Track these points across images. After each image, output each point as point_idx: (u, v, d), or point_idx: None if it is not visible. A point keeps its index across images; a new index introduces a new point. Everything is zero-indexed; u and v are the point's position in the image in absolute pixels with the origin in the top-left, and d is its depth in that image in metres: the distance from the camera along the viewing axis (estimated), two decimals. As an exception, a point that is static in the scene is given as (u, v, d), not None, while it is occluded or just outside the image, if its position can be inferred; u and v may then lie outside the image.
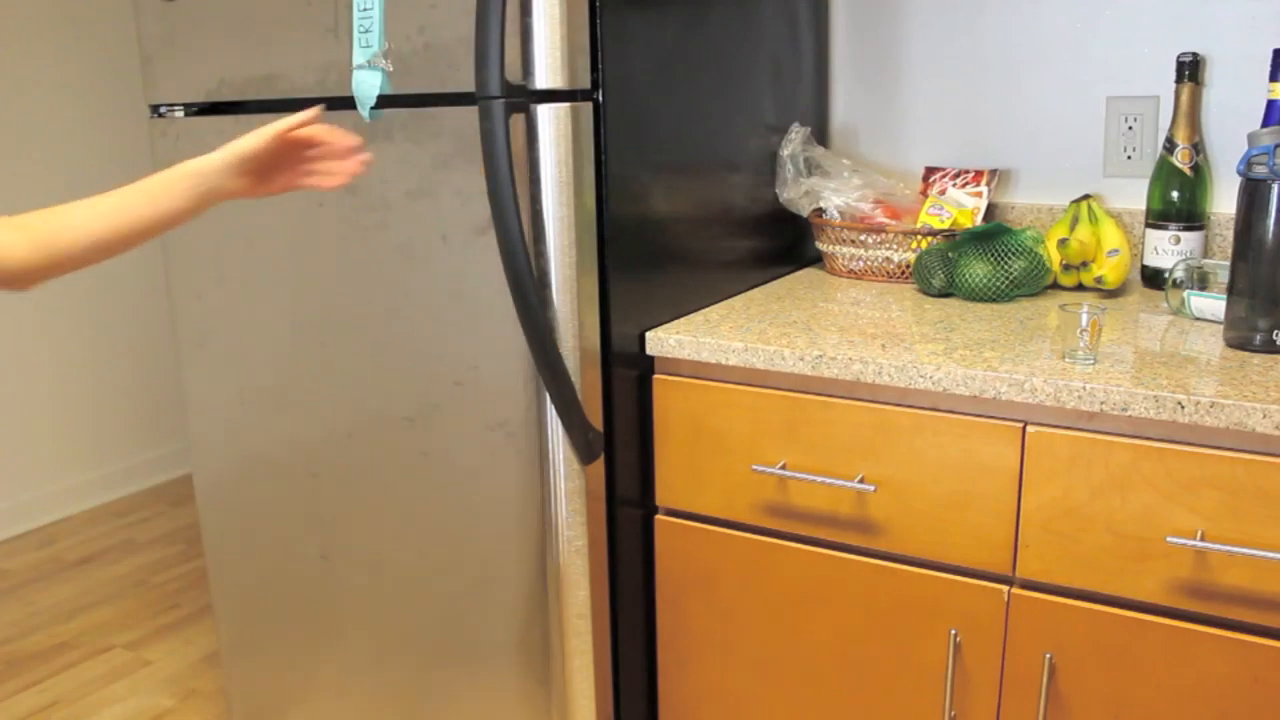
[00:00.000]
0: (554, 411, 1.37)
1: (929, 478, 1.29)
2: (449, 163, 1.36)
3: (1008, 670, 1.29)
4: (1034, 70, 1.74)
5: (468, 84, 1.31)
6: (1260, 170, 1.23)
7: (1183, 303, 1.45)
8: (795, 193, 1.72)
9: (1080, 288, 1.63)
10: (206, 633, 2.59)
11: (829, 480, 1.33)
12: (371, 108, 1.37)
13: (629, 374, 1.44)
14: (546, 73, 1.28)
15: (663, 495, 1.49)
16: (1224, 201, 1.62)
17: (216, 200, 1.14)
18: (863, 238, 1.69)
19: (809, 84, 1.85)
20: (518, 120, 1.29)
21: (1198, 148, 1.58)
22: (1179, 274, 1.47)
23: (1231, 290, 1.29)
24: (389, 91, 1.36)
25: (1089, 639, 1.23)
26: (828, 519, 1.37)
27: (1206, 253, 1.61)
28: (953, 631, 1.31)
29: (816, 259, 1.84)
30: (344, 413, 1.56)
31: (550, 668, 1.48)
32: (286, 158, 1.19)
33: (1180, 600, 1.18)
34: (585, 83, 1.31)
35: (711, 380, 1.42)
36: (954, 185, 1.76)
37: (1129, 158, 1.70)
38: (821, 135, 1.89)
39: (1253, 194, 1.25)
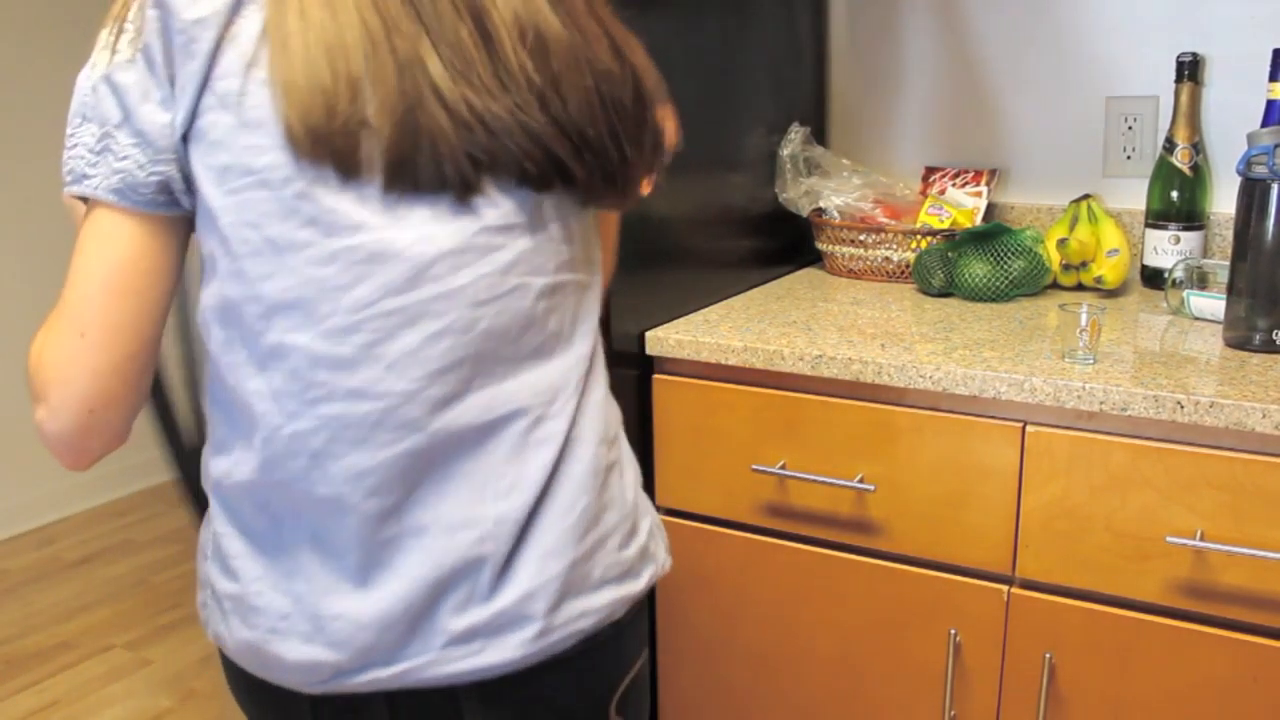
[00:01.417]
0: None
1: (928, 477, 1.29)
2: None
3: (1007, 670, 1.29)
4: (1034, 70, 1.74)
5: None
6: (1260, 170, 1.23)
7: (1182, 303, 1.45)
8: (795, 192, 1.72)
9: (1080, 288, 1.63)
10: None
11: (828, 480, 1.33)
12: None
13: (629, 374, 1.44)
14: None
15: (663, 495, 1.49)
16: (1224, 201, 1.62)
17: None
18: (862, 237, 1.69)
19: (809, 84, 1.85)
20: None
21: (1197, 148, 1.58)
22: (1179, 274, 1.47)
23: (1231, 290, 1.29)
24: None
25: (1089, 639, 1.23)
26: (827, 519, 1.37)
27: (1206, 253, 1.61)
28: (952, 631, 1.31)
29: (816, 259, 1.84)
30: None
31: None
32: None
33: (1180, 600, 1.18)
34: (585, 83, 1.31)
35: (711, 380, 1.42)
36: (954, 185, 1.76)
37: (1129, 158, 1.70)
38: (821, 135, 1.89)
39: (1252, 194, 1.25)
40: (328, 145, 0.75)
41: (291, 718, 0.87)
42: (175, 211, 0.79)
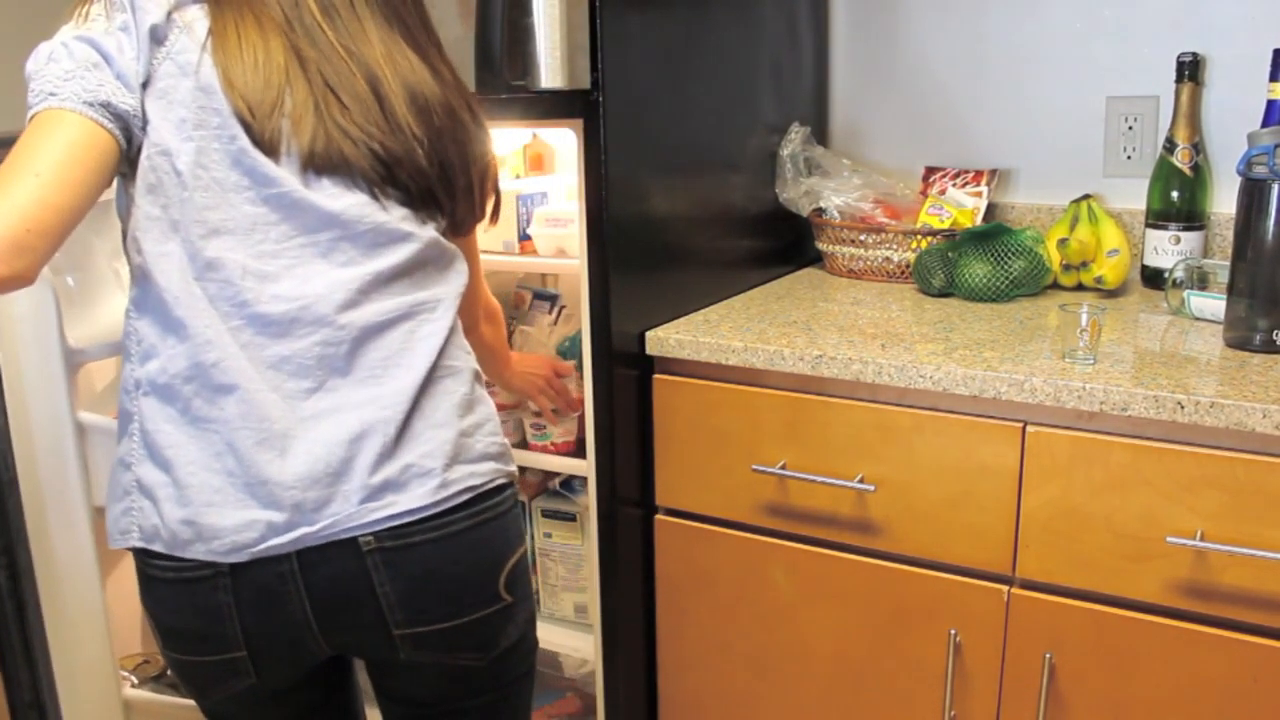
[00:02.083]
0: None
1: (929, 478, 1.29)
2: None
3: (1008, 670, 1.29)
4: (1034, 70, 1.74)
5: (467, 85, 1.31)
6: (1260, 170, 1.23)
7: (1183, 303, 1.45)
8: (795, 192, 1.72)
9: (1080, 288, 1.63)
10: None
11: (829, 480, 1.33)
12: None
13: (629, 374, 1.44)
14: (546, 73, 1.28)
15: (663, 495, 1.49)
16: (1224, 201, 1.61)
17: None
18: (863, 238, 1.69)
19: (809, 84, 1.85)
20: (518, 120, 1.29)
21: (1198, 148, 1.58)
22: (1179, 274, 1.47)
23: (1231, 290, 1.29)
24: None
25: (1089, 639, 1.23)
26: (827, 519, 1.37)
27: (1206, 253, 1.61)
28: (953, 631, 1.31)
29: (816, 259, 1.84)
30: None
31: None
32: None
33: (1180, 600, 1.18)
34: (585, 83, 1.31)
35: (711, 380, 1.42)
36: (954, 185, 1.76)
37: (1129, 158, 1.70)
38: (821, 135, 1.89)
39: (1253, 194, 1.25)
40: (258, 127, 0.95)
41: (211, 600, 0.98)
42: (120, 143, 0.94)
